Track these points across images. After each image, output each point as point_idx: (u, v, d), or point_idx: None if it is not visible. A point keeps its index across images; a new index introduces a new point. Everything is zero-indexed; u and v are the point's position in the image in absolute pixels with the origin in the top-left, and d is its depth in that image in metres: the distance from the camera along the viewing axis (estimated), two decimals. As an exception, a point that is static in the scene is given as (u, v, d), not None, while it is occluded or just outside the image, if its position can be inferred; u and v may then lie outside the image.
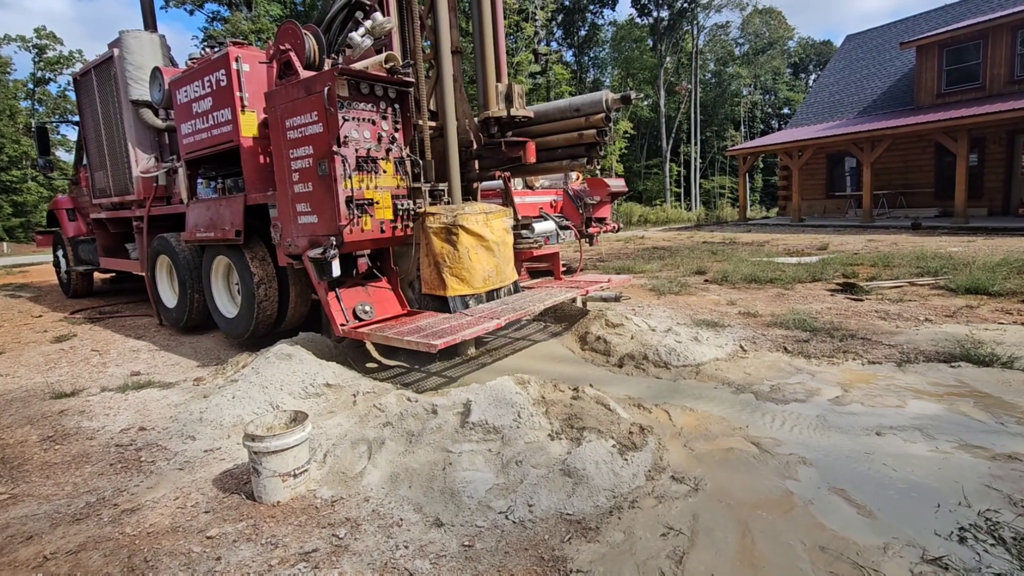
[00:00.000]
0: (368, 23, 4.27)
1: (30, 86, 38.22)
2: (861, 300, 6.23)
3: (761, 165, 42.71)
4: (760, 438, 2.97)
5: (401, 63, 4.24)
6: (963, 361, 3.96)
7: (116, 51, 6.25)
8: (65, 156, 32.89)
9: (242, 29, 31.85)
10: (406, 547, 2.20)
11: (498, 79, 5.11)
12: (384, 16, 4.46)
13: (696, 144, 38.97)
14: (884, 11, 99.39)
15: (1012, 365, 3.79)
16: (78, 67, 36.74)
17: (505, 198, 5.73)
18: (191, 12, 36.14)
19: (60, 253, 9.21)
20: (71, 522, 2.48)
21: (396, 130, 4.22)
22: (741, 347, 4.63)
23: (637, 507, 2.39)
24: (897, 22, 20.87)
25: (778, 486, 2.49)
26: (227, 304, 5.46)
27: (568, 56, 41.68)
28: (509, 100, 5.00)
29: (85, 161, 7.86)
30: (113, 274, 9.46)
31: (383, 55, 4.23)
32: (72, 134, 40.49)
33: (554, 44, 39.19)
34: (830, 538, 2.11)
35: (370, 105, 4.02)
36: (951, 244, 10.39)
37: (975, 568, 1.90)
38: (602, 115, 4.83)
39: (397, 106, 4.23)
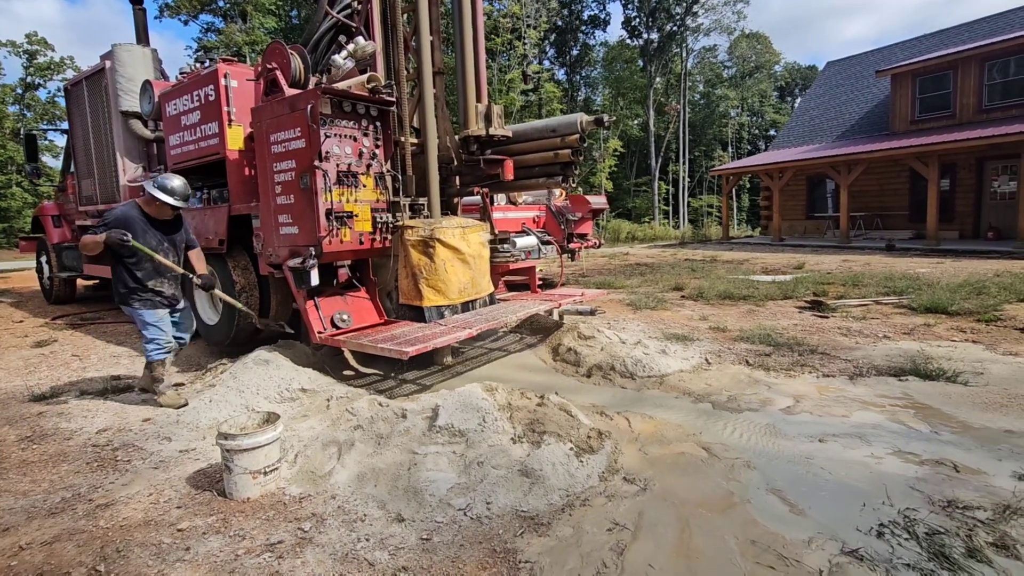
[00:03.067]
0: (350, 46, 4.47)
1: (19, 91, 38.07)
2: (827, 317, 6.48)
3: (747, 185, 43.51)
4: (711, 443, 3.14)
5: (383, 83, 4.44)
6: (911, 375, 4.18)
7: (108, 63, 6.41)
8: (52, 162, 32.70)
9: (236, 40, 32.11)
10: (367, 540, 2.33)
11: (478, 99, 5.32)
12: (367, 40, 4.67)
13: (684, 163, 39.67)
14: (867, 38, 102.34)
15: (955, 379, 4.02)
16: (69, 74, 36.71)
17: (483, 213, 5.92)
18: (185, 23, 36.38)
19: (43, 259, 9.24)
20: (47, 516, 2.58)
21: (377, 146, 4.41)
22: (706, 360, 4.82)
23: (588, 505, 2.55)
24: (875, 51, 21.59)
25: (720, 487, 2.66)
26: (208, 311, 5.56)
27: (560, 75, 42.42)
28: (488, 119, 5.21)
29: (72, 168, 7.96)
30: (96, 281, 9.50)
31: (366, 75, 4.43)
32: (59, 140, 40.29)
33: (546, 63, 39.88)
34: (761, 533, 2.28)
35: (352, 123, 4.21)
36: (920, 265, 10.75)
37: (887, 559, 2.07)
38: (577, 136, 5.06)
39: (379, 124, 4.42)
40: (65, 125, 8.26)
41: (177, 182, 3.89)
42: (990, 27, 17.01)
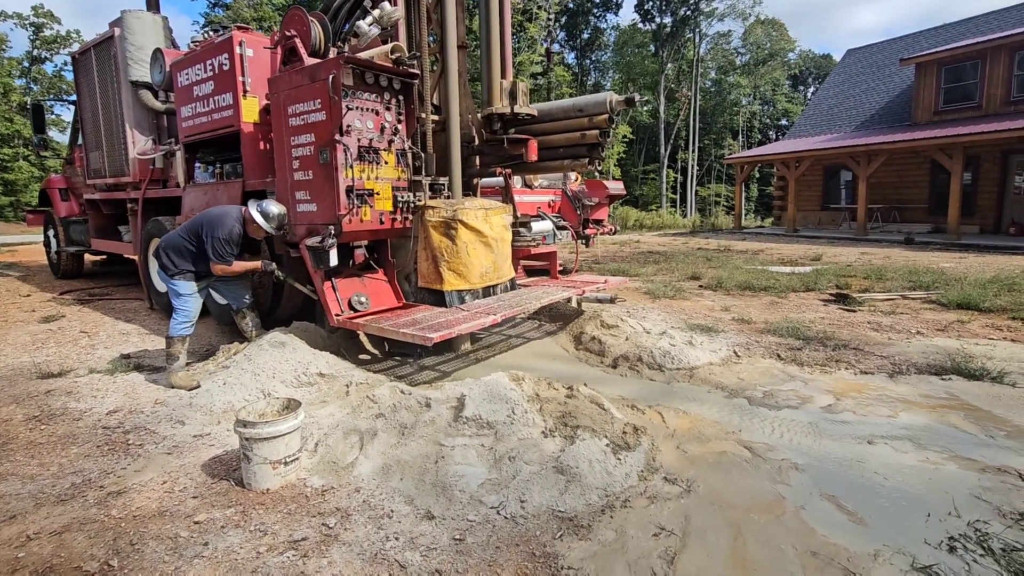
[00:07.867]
0: (376, 12, 4.24)
1: (25, 64, 37.67)
2: (854, 311, 6.28)
3: (757, 175, 42.94)
4: (753, 443, 2.98)
5: (407, 55, 4.22)
6: (954, 374, 3.99)
7: (117, 31, 6.17)
8: (58, 136, 32.42)
9: (244, 16, 31.60)
10: (396, 539, 2.18)
11: (503, 76, 5.09)
12: (392, 6, 4.43)
13: (694, 151, 39.10)
14: (878, 27, 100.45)
15: (1002, 379, 3.83)
16: (75, 47, 36.29)
17: (505, 195, 5.72)
18: (193, -3, 35.76)
19: (51, 233, 9.09)
20: (56, 503, 2.44)
21: (399, 122, 4.20)
22: (735, 352, 4.65)
23: (629, 506, 2.39)
24: (897, 39, 21.04)
25: (770, 490, 2.50)
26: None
27: (570, 58, 41.73)
28: (513, 97, 4.99)
29: (80, 141, 7.76)
30: (104, 256, 9.35)
31: (389, 46, 4.21)
32: (66, 114, 39.95)
33: (556, 46, 39.16)
34: (821, 543, 2.12)
35: (374, 95, 4.00)
36: (943, 260, 10.50)
37: (964, 577, 1.91)
38: (605, 116, 4.83)
39: (401, 98, 4.21)
40: (72, 98, 8.04)
41: (275, 209, 4.07)
42: (1021, 15, 16.48)
